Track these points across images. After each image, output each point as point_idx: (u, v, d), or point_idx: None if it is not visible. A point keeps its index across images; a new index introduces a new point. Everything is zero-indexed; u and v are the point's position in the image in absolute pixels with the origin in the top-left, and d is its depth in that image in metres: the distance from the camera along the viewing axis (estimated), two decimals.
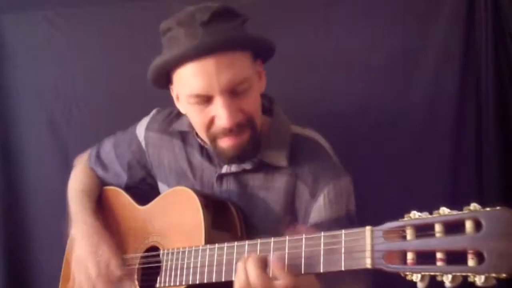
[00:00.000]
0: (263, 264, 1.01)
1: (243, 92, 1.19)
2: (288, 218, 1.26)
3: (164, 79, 1.27)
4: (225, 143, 1.21)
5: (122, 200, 1.45)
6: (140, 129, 1.48)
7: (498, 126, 1.63)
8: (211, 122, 1.21)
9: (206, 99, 1.18)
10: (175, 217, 1.28)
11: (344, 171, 1.29)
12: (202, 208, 1.20)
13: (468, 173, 1.67)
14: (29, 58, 1.97)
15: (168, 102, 1.52)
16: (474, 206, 0.78)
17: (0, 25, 1.97)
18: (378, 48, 1.72)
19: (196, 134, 1.35)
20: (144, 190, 1.49)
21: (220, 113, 1.17)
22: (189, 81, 1.18)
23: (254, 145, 1.23)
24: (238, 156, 1.23)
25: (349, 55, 1.73)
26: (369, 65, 1.72)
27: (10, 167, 1.95)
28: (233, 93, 1.17)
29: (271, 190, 1.29)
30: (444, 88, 1.69)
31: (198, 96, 1.18)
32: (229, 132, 1.19)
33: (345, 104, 1.73)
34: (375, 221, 0.92)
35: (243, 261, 1.03)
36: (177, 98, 1.31)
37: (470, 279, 0.76)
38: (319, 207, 1.24)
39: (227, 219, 1.25)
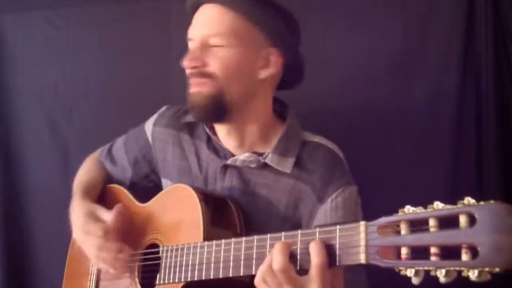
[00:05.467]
0: (288, 250, 0.98)
1: (216, 48, 1.23)
2: (291, 221, 1.26)
3: None
4: (190, 88, 1.27)
5: (123, 197, 1.45)
6: (149, 124, 1.49)
7: (498, 126, 1.63)
8: None
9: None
10: (175, 214, 1.29)
11: (353, 181, 1.29)
12: (201, 205, 1.20)
13: (468, 173, 1.67)
14: (29, 58, 1.97)
15: (168, 102, 1.53)
16: (468, 200, 0.78)
17: (0, 25, 1.97)
18: (378, 48, 1.72)
19: (205, 124, 1.36)
20: (147, 188, 1.50)
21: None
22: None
23: (215, 106, 1.25)
24: (198, 108, 1.26)
25: (349, 55, 1.74)
26: (369, 65, 1.72)
27: (10, 167, 1.95)
28: (206, 46, 1.24)
29: (274, 189, 1.28)
30: (444, 88, 1.69)
31: (189, 40, 1.28)
32: (189, 75, 1.26)
33: (345, 104, 1.73)
34: None
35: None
36: None
37: (464, 273, 0.76)
38: (325, 210, 1.24)
39: (226, 216, 1.25)
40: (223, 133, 1.34)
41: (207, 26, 1.25)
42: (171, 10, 1.86)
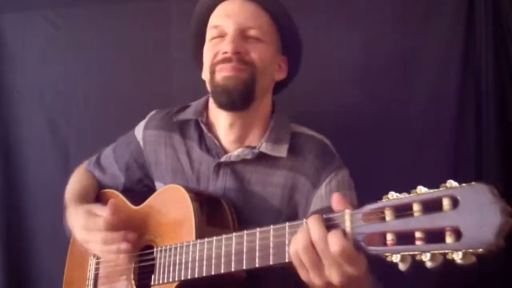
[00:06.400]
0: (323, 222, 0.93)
1: (254, 39, 1.29)
2: (285, 213, 1.27)
3: (203, 27, 1.38)
4: (221, 73, 1.27)
5: (118, 201, 1.44)
6: (139, 129, 1.49)
7: (498, 126, 1.63)
8: (216, 54, 1.29)
9: (220, 34, 1.30)
10: (168, 215, 1.29)
11: (344, 165, 1.32)
12: (193, 205, 1.20)
13: (468, 173, 1.67)
14: (29, 58, 1.97)
15: (167, 101, 1.53)
16: (450, 183, 0.77)
17: (0, 25, 1.97)
18: (378, 48, 1.72)
19: (201, 120, 1.37)
20: (141, 192, 1.49)
21: (226, 41, 1.27)
22: (214, 16, 1.33)
23: (247, 92, 1.27)
24: (232, 91, 1.26)
25: (349, 55, 1.74)
26: (369, 65, 1.72)
27: (10, 167, 1.95)
28: (244, 35, 1.28)
29: (268, 185, 1.30)
30: (444, 88, 1.69)
31: (216, 27, 1.31)
32: (227, 60, 1.26)
33: (345, 104, 1.73)
34: None
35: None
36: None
37: (449, 256, 0.75)
38: (320, 196, 1.26)
39: (219, 215, 1.25)
40: (225, 125, 1.34)
41: (249, 18, 1.30)
42: (171, 10, 1.87)
